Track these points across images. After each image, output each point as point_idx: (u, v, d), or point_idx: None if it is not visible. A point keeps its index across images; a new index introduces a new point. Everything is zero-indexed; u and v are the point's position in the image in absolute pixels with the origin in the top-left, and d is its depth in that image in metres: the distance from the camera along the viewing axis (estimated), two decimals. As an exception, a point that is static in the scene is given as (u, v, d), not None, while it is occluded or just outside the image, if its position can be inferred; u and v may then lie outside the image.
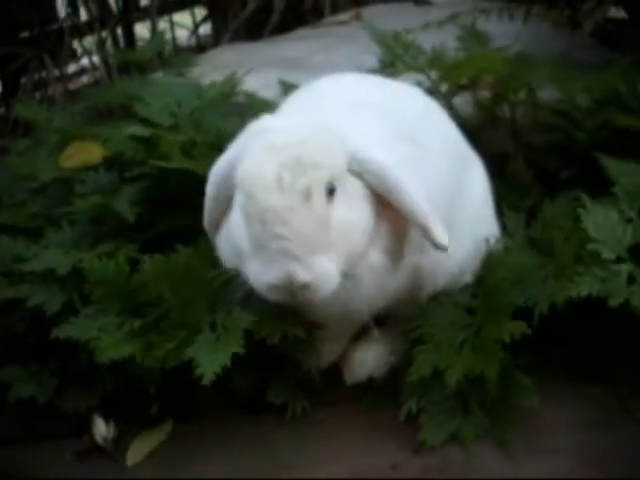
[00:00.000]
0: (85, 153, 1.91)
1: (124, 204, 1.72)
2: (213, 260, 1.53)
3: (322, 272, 1.28)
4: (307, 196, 1.26)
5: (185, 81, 2.12)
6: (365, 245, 1.35)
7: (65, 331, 1.56)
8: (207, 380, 1.43)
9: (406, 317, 1.61)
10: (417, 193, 1.36)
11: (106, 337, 1.54)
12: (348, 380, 1.67)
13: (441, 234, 1.38)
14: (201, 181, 1.58)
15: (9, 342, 1.75)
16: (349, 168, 1.34)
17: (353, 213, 1.33)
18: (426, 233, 1.38)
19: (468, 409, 1.55)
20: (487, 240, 1.64)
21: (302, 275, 1.26)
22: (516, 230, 1.67)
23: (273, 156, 1.28)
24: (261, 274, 1.29)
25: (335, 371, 1.68)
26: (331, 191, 1.29)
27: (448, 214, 1.53)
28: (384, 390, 1.65)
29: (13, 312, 1.72)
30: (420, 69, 1.86)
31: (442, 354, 1.49)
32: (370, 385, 1.67)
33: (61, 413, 1.69)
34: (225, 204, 1.46)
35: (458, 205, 1.60)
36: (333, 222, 1.29)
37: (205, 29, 4.10)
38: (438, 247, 1.39)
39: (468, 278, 1.65)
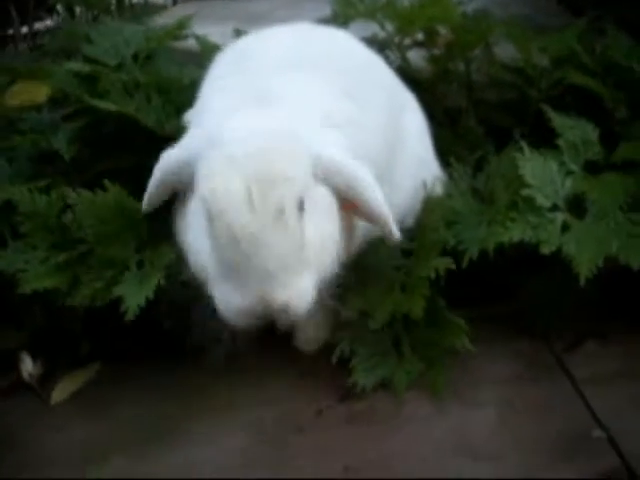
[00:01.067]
0: (30, 92, 1.87)
1: (62, 142, 1.68)
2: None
3: (299, 291, 1.21)
4: (279, 213, 1.18)
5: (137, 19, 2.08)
6: (336, 254, 1.30)
7: (-8, 263, 1.54)
8: (131, 315, 1.41)
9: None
10: (378, 191, 1.32)
11: (32, 269, 1.51)
12: (304, 349, 1.63)
13: (396, 230, 1.35)
14: (140, 125, 1.56)
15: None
16: (314, 174, 1.28)
17: (323, 224, 1.27)
18: (384, 229, 1.35)
19: (401, 353, 1.54)
20: (425, 183, 1.61)
21: (280, 296, 1.19)
22: (461, 180, 1.64)
23: (238, 171, 1.19)
24: (233, 298, 1.21)
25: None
26: (301, 204, 1.22)
27: (387, 161, 1.51)
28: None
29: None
30: (371, 14, 1.82)
31: (372, 295, 1.47)
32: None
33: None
34: (168, 193, 1.39)
35: (396, 150, 1.57)
36: (311, 236, 1.23)
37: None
38: (391, 240, 1.37)
39: (409, 221, 1.62)
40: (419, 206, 1.62)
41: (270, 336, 1.62)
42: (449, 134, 1.85)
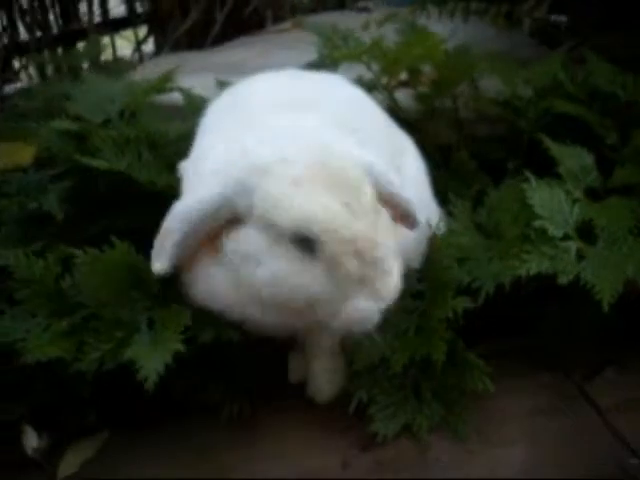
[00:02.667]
0: (15, 154, 1.82)
1: (53, 202, 1.63)
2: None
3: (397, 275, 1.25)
4: (376, 209, 1.24)
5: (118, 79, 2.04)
6: None
7: (-12, 334, 1.47)
8: (151, 383, 1.34)
9: None
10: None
11: (33, 338, 1.44)
12: (321, 400, 1.57)
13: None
14: (133, 182, 1.51)
15: None
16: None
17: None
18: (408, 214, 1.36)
19: (421, 398, 1.49)
20: (429, 224, 1.59)
21: (396, 285, 1.24)
22: (462, 215, 1.62)
23: (315, 185, 1.19)
24: (372, 306, 1.22)
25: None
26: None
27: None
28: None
29: None
30: (358, 57, 1.81)
31: (387, 340, 1.43)
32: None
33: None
34: (196, 243, 1.30)
35: None
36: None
37: (149, 47, 4.06)
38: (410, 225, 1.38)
39: (416, 264, 1.58)
40: (423, 249, 1.59)
41: (282, 389, 1.61)
42: (443, 172, 1.84)
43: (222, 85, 2.07)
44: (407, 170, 1.62)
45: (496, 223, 1.56)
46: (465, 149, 1.89)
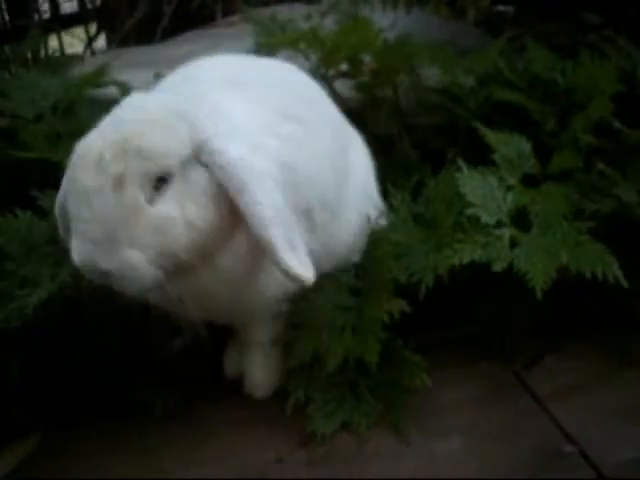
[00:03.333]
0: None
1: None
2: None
3: (126, 263, 1.17)
4: (119, 184, 1.16)
5: (54, 71, 2.01)
6: (194, 243, 1.21)
7: None
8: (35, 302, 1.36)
9: None
10: (265, 207, 1.21)
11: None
12: (257, 394, 1.56)
13: (287, 257, 1.21)
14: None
15: None
16: (197, 157, 1.22)
17: (184, 208, 1.20)
18: (269, 254, 1.22)
19: (358, 395, 1.48)
20: (369, 218, 1.58)
21: (102, 263, 1.17)
22: (400, 207, 1.61)
23: (107, 134, 1.20)
24: (73, 252, 1.20)
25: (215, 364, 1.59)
26: (160, 181, 1.19)
27: (334, 202, 1.48)
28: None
29: None
30: (294, 43, 1.79)
31: (322, 338, 1.41)
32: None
33: None
34: None
35: (343, 186, 1.53)
36: (150, 215, 1.18)
37: (101, 44, 4.00)
38: (282, 272, 1.22)
39: (356, 257, 1.58)
40: (362, 244, 1.59)
41: (219, 385, 1.58)
42: (383, 162, 1.82)
43: (159, 78, 2.04)
44: (355, 161, 1.60)
45: (433, 214, 1.55)
46: (406, 139, 1.87)
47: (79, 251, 1.18)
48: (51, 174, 1.58)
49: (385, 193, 1.71)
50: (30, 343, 1.46)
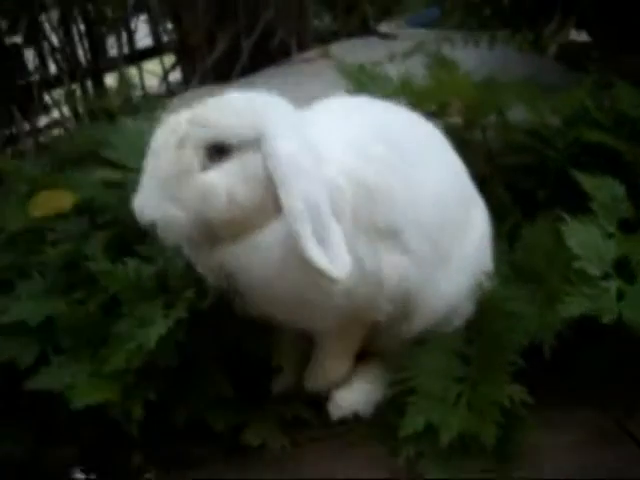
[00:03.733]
0: (55, 201, 1.88)
1: (97, 250, 1.68)
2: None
3: (165, 216, 1.34)
4: (180, 145, 1.33)
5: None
6: (231, 217, 1.35)
7: (38, 382, 1.52)
8: (152, 343, 1.43)
9: (390, 352, 1.60)
10: (298, 203, 1.31)
11: (80, 384, 1.49)
12: (334, 415, 1.62)
13: (313, 253, 1.30)
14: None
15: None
16: (257, 144, 1.34)
17: (231, 182, 1.34)
18: (298, 245, 1.32)
19: (469, 452, 1.47)
20: (480, 284, 1.60)
21: (148, 212, 1.35)
22: (499, 259, 1.64)
23: (189, 110, 1.39)
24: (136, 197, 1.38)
25: (320, 409, 1.64)
26: (219, 152, 1.34)
27: (443, 240, 1.52)
28: (371, 426, 1.60)
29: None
30: (388, 97, 1.84)
31: (435, 409, 1.44)
32: (356, 421, 1.62)
33: (40, 469, 1.62)
34: None
35: (456, 242, 1.56)
36: (198, 180, 1.33)
37: (175, 76, 4.11)
38: (313, 267, 1.31)
39: (459, 322, 1.60)
40: (471, 306, 1.61)
41: (325, 427, 1.63)
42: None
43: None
44: (474, 222, 1.63)
45: (533, 265, 1.57)
46: (499, 181, 1.90)
47: (136, 199, 1.37)
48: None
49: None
50: (146, 386, 1.53)
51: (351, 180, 1.41)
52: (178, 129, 1.35)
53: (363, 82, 1.93)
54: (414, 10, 4.40)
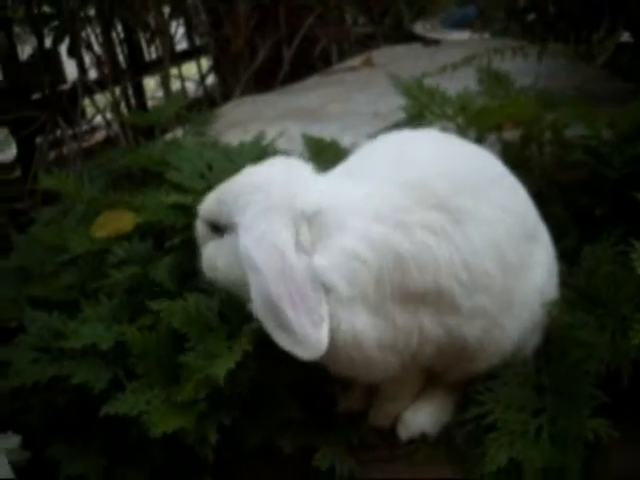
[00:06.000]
0: (117, 222, 1.91)
1: (164, 273, 1.70)
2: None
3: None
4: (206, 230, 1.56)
5: (211, 142, 2.11)
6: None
7: (114, 407, 1.54)
8: (221, 380, 1.46)
9: (455, 381, 1.61)
10: (254, 292, 1.37)
11: (155, 411, 1.52)
12: (402, 436, 1.64)
13: (277, 335, 1.38)
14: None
15: (54, 420, 1.72)
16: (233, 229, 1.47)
17: (216, 254, 1.51)
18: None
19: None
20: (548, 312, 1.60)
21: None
22: (560, 281, 1.64)
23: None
24: None
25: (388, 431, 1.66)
26: (216, 228, 1.51)
27: (502, 286, 1.50)
28: (437, 446, 1.62)
29: (56, 389, 1.70)
30: (448, 117, 1.85)
31: (516, 444, 1.44)
32: (423, 441, 1.63)
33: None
34: None
35: (519, 283, 1.54)
36: (204, 248, 1.55)
37: (211, 78, 4.13)
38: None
39: (527, 352, 1.60)
40: (538, 338, 1.61)
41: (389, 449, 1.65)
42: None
43: (306, 138, 2.12)
44: (538, 258, 1.60)
45: (597, 290, 1.57)
46: (558, 200, 1.90)
47: None
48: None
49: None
50: (220, 412, 1.55)
51: (378, 248, 1.40)
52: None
53: (421, 101, 1.93)
54: (449, 9, 4.39)
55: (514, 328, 1.53)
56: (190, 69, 4.16)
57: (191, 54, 4.11)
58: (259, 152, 1.94)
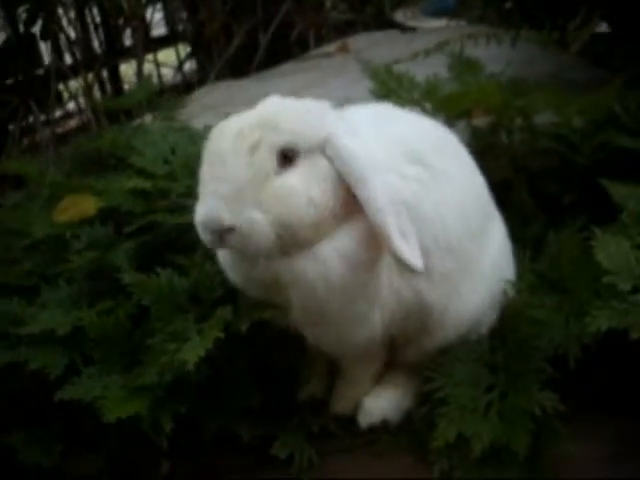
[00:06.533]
0: (79, 206, 1.87)
1: (122, 259, 1.68)
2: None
3: (248, 221, 1.30)
4: (253, 149, 1.30)
5: (177, 126, 2.08)
6: (310, 219, 1.33)
7: (68, 393, 1.52)
8: (192, 363, 1.41)
9: (414, 363, 1.60)
10: (381, 198, 1.33)
11: (110, 397, 1.50)
12: (363, 423, 1.62)
13: (400, 244, 1.32)
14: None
15: (10, 406, 1.69)
16: (322, 150, 1.35)
17: (307, 185, 1.33)
18: (384, 237, 1.33)
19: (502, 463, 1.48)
20: (504, 292, 1.60)
21: (227, 217, 1.30)
22: (523, 266, 1.63)
23: (244, 117, 1.36)
24: (197, 210, 1.33)
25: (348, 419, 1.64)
26: (288, 157, 1.32)
27: (466, 253, 1.52)
28: (399, 435, 1.60)
29: (13, 375, 1.67)
30: (415, 102, 1.83)
31: (466, 419, 1.44)
32: (385, 429, 1.62)
33: (69, 478, 1.63)
34: None
35: (478, 255, 1.56)
36: (276, 183, 1.31)
37: (190, 65, 4.09)
38: (396, 258, 1.33)
39: (483, 330, 1.60)
40: (494, 315, 1.61)
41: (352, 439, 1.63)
42: (500, 212, 1.83)
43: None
44: (493, 235, 1.63)
45: (560, 275, 1.56)
46: (523, 186, 1.88)
47: (207, 207, 1.31)
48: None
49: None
50: (176, 400, 1.53)
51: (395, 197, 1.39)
52: (248, 134, 1.31)
53: (389, 85, 1.91)
54: (430, -3, 4.36)
55: (472, 300, 1.54)
56: (170, 55, 4.13)
57: (169, 40, 4.06)
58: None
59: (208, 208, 1.31)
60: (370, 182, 1.33)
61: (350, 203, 1.36)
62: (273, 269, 1.37)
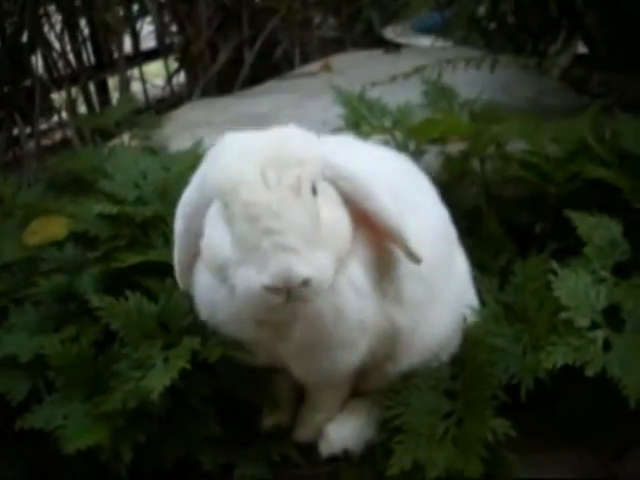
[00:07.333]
0: (49, 229, 1.88)
1: (88, 285, 1.68)
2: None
3: (321, 266, 1.23)
4: (297, 189, 1.22)
5: (153, 147, 2.08)
6: (348, 247, 1.32)
7: (29, 421, 1.52)
8: (156, 395, 1.40)
9: (376, 390, 1.60)
10: (389, 204, 1.35)
11: (71, 426, 1.49)
12: (324, 452, 1.61)
13: (415, 246, 1.38)
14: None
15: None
16: (322, 172, 1.31)
17: (335, 209, 1.31)
18: (401, 243, 1.37)
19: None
20: (465, 319, 1.62)
21: (302, 269, 1.19)
22: (489, 296, 1.64)
23: (251, 157, 1.24)
24: (254, 277, 1.20)
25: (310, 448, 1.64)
26: (314, 187, 1.26)
27: (434, 279, 1.53)
28: (359, 466, 1.60)
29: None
30: (385, 130, 1.83)
31: (422, 446, 1.44)
32: (346, 459, 1.61)
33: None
34: (196, 239, 1.37)
35: (444, 279, 1.58)
36: (325, 217, 1.26)
37: (178, 79, 4.09)
38: (413, 259, 1.39)
39: (445, 357, 1.60)
40: (456, 342, 1.62)
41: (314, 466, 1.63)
42: (470, 239, 1.83)
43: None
44: (457, 262, 1.67)
45: (523, 307, 1.57)
46: (493, 215, 1.89)
47: (277, 266, 1.18)
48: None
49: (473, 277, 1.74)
50: (136, 429, 1.53)
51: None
52: (280, 179, 1.22)
53: (360, 112, 1.91)
54: (419, 14, 4.36)
55: (437, 326, 1.55)
56: (160, 69, 4.13)
57: (158, 53, 4.06)
58: (195, 160, 1.90)
59: (279, 267, 1.19)
60: (377, 192, 1.35)
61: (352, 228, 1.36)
62: (292, 308, 1.28)
